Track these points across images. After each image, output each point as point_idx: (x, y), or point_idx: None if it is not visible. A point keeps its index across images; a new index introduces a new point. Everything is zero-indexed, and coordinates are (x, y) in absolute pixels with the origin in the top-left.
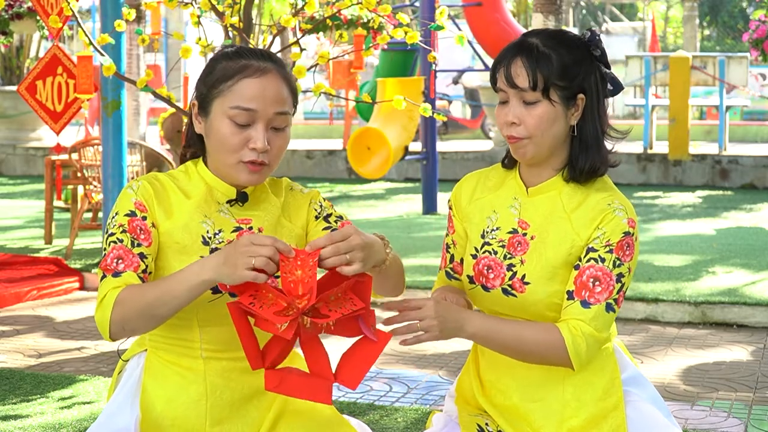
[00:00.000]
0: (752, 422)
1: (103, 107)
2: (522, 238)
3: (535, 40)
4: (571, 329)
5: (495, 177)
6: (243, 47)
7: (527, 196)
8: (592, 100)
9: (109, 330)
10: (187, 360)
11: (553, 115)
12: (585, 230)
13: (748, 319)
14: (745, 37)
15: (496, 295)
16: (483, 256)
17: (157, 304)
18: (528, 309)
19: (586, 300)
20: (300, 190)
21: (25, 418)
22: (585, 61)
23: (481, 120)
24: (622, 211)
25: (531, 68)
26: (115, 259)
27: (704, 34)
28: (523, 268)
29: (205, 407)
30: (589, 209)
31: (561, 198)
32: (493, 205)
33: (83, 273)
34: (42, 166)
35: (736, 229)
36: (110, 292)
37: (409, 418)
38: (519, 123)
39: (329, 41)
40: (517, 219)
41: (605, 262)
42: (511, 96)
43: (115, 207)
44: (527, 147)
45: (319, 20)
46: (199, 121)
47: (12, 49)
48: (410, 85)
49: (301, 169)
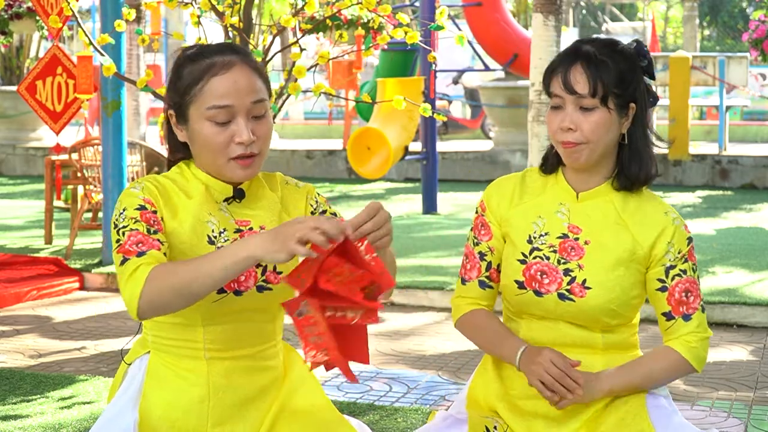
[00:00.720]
0: (752, 422)
1: (103, 107)
2: (575, 243)
3: (590, 47)
4: (685, 345)
5: (533, 182)
6: (204, 45)
7: (576, 201)
8: (641, 108)
9: (138, 306)
10: (190, 362)
11: (608, 122)
12: (646, 239)
13: (748, 319)
14: (745, 37)
15: (550, 300)
16: (534, 261)
17: (192, 279)
18: (583, 315)
19: (686, 314)
20: (295, 185)
21: (25, 418)
22: (636, 71)
23: (481, 120)
24: (678, 219)
25: (591, 75)
26: (134, 243)
27: (704, 34)
28: (583, 273)
29: (207, 408)
30: (647, 218)
31: (614, 204)
32: (537, 210)
33: (83, 273)
34: (42, 166)
35: (736, 229)
36: (141, 267)
37: (409, 418)
38: (575, 129)
39: (329, 41)
40: (566, 224)
41: (687, 273)
42: (568, 102)
43: (121, 205)
44: (582, 152)
45: (319, 20)
46: (180, 129)
47: (12, 49)
48: (410, 85)
49: (301, 169)
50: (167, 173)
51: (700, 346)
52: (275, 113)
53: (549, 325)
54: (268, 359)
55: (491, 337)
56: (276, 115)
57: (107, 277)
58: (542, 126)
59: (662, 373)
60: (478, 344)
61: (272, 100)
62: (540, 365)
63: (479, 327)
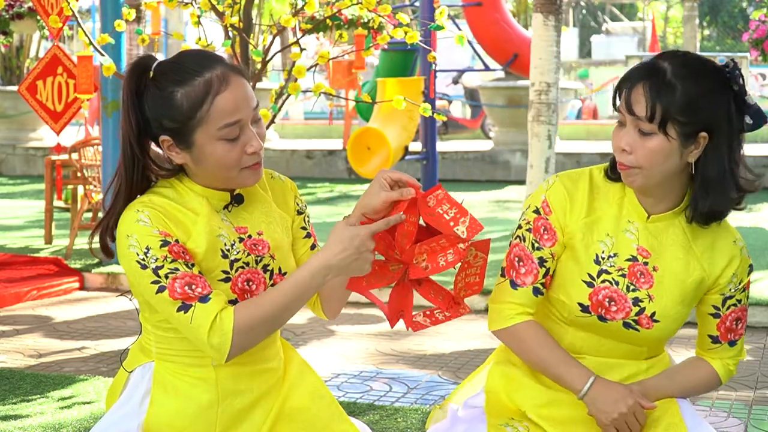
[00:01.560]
0: (752, 422)
1: (103, 107)
2: (644, 268)
3: (666, 65)
4: (725, 367)
5: (603, 191)
6: (176, 63)
7: (647, 221)
8: (719, 137)
9: (229, 354)
10: (198, 369)
11: (667, 151)
12: (714, 269)
13: (748, 319)
14: (745, 37)
15: (614, 327)
16: (602, 286)
17: (283, 309)
18: (643, 341)
19: (733, 340)
20: (279, 177)
21: (25, 418)
22: (716, 95)
23: (481, 120)
24: (745, 249)
25: (651, 98)
26: (185, 286)
27: (704, 34)
28: (653, 305)
29: (216, 414)
30: (717, 247)
31: (684, 230)
32: (606, 227)
33: (83, 273)
34: (42, 166)
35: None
36: (221, 314)
37: (409, 418)
38: (630, 152)
39: (329, 41)
40: (635, 245)
41: (742, 302)
42: (628, 122)
43: (140, 243)
44: (636, 177)
45: (319, 20)
46: (179, 153)
47: (12, 49)
48: (410, 85)
49: (301, 169)
50: (157, 192)
51: (735, 369)
52: (275, 113)
53: (597, 338)
54: (270, 360)
55: (548, 357)
56: (276, 114)
57: (107, 277)
58: (542, 126)
59: (697, 387)
60: (528, 360)
61: (272, 100)
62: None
63: (535, 343)
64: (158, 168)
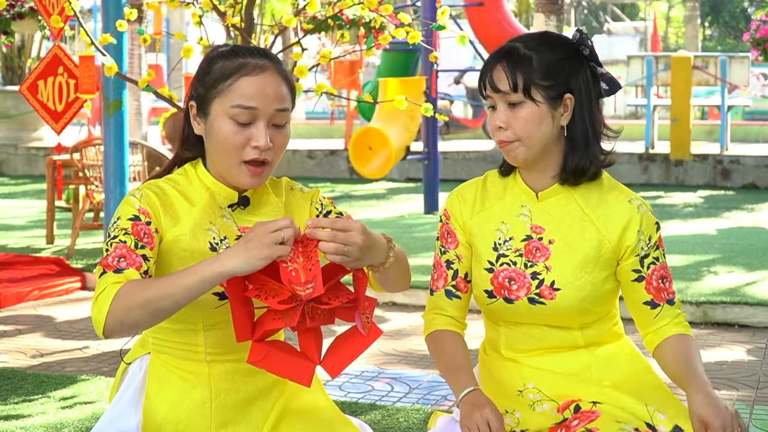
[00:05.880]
0: (754, 422)
1: (105, 107)
2: (539, 243)
3: (516, 44)
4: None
5: (494, 186)
6: (238, 45)
7: (537, 201)
8: (581, 99)
9: (104, 324)
10: (191, 363)
11: (538, 116)
12: (613, 232)
13: (750, 319)
14: (746, 37)
15: (522, 306)
16: (501, 268)
17: (161, 297)
18: (556, 316)
19: (670, 298)
20: (300, 189)
21: (26, 417)
22: (570, 60)
23: (482, 120)
24: (643, 206)
25: (511, 71)
26: (116, 258)
27: (706, 33)
28: (551, 275)
29: (210, 410)
30: (610, 209)
31: (576, 200)
32: (500, 216)
33: (85, 273)
34: (43, 166)
35: (738, 229)
36: (109, 286)
37: (410, 418)
38: (506, 127)
39: (331, 41)
40: (529, 225)
41: (660, 260)
42: (497, 101)
43: (117, 213)
44: (518, 150)
45: (321, 20)
46: (198, 122)
47: (13, 49)
48: (412, 84)
49: (302, 169)
50: (171, 176)
51: (688, 326)
52: None
53: (526, 331)
54: None
55: (446, 364)
56: None
57: None
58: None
59: (697, 356)
60: (437, 367)
61: None
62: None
63: (440, 350)
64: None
